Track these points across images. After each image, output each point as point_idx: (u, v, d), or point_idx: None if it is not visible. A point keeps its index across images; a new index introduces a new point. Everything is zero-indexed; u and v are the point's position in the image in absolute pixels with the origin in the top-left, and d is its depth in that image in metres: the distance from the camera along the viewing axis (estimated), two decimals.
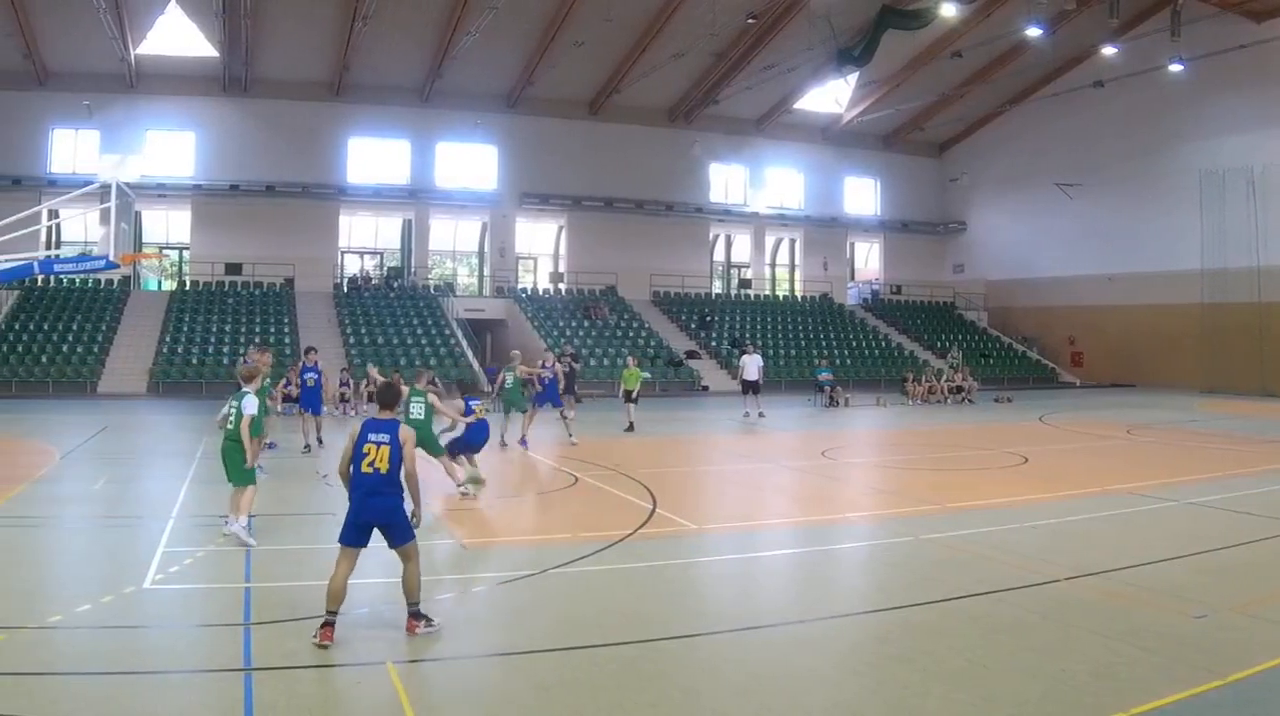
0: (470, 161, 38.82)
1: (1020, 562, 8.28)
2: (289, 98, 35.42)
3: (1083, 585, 7.59)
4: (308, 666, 5.63)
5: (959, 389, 30.32)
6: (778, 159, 43.55)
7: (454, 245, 41.37)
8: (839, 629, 6.69)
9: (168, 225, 36.73)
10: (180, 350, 29.90)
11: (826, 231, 44.96)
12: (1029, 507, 11.13)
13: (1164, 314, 36.09)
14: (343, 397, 23.10)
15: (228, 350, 29.40)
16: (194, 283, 35.17)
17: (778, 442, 19.64)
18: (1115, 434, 20.03)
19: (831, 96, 41.81)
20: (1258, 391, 31.81)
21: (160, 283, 36.59)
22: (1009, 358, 40.51)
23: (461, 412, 11.77)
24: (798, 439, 20.27)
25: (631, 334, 36.21)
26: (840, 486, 13.67)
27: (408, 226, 39.20)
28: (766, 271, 45.21)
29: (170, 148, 35.16)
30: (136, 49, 32.37)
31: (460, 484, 11.37)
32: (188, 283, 35.52)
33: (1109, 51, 33.28)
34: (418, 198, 38.12)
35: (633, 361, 21.21)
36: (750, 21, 33.13)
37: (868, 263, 48.39)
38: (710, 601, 7.53)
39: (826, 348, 36.79)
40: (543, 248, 41.92)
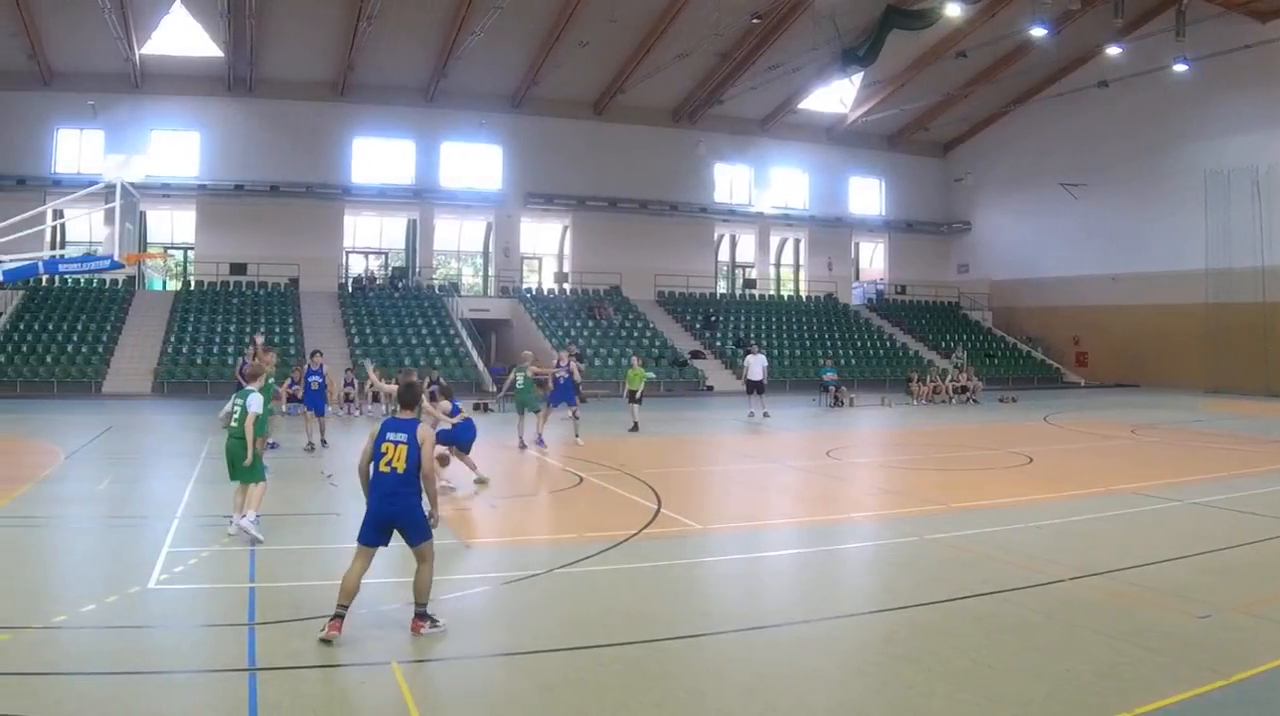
0: (475, 161, 38.82)
1: (1025, 562, 8.27)
2: (294, 98, 35.45)
3: (1087, 585, 7.58)
4: (312, 666, 5.64)
5: (964, 389, 30.29)
6: (782, 159, 43.52)
7: (459, 245, 41.35)
8: (844, 629, 6.69)
9: (172, 225, 36.77)
10: (185, 350, 29.94)
11: (831, 231, 44.92)
12: (1034, 508, 11.12)
13: (1169, 314, 36.01)
14: (347, 397, 23.14)
15: (232, 350, 29.36)
16: (199, 283, 35.19)
17: (782, 443, 19.63)
18: (1120, 434, 19.99)
19: (836, 96, 41.78)
20: (1262, 391, 31.73)
21: (165, 283, 36.71)
22: (1013, 357, 40.47)
23: (448, 413, 11.95)
24: (802, 439, 20.26)
25: (636, 334, 36.20)
26: (845, 486, 13.67)
27: (412, 226, 39.25)
28: (771, 271, 45.21)
29: (175, 148, 35.21)
30: (141, 49, 32.43)
31: (478, 478, 12.05)
32: (192, 283, 35.53)
33: (1113, 51, 33.26)
34: (422, 198, 38.12)
35: (637, 361, 21.17)
36: (755, 21, 33.10)
37: (872, 263, 48.37)
38: (715, 601, 7.53)
39: (831, 348, 36.76)
40: (547, 248, 41.92)
